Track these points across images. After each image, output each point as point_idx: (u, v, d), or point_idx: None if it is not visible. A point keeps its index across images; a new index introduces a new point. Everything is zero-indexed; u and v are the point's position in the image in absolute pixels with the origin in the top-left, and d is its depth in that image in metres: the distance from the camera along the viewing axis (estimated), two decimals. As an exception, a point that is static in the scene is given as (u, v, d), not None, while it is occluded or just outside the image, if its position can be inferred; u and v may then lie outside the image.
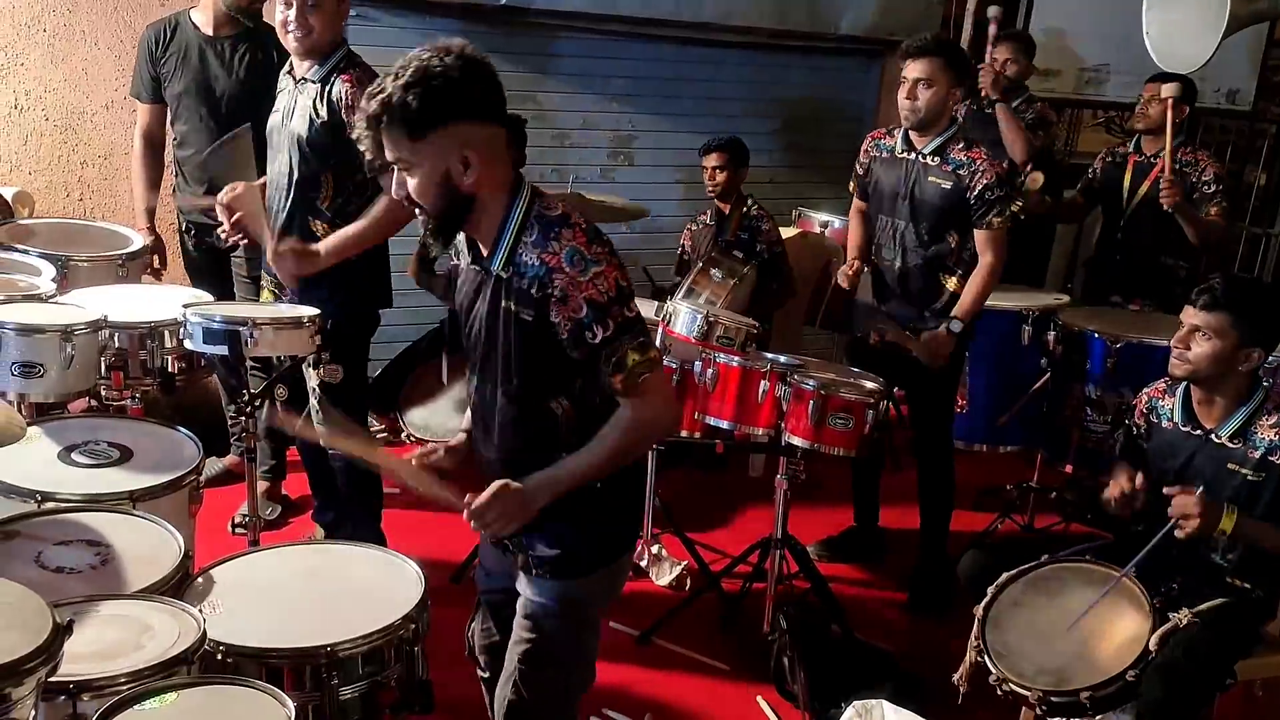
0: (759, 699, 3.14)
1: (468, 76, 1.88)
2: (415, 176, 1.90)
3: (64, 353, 2.80)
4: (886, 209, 3.59)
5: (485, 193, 1.91)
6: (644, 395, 1.93)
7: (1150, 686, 2.45)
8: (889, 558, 4.01)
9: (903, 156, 3.54)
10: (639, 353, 1.91)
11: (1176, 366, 2.71)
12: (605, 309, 1.88)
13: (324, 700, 2.04)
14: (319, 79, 3.11)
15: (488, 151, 1.89)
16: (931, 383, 3.64)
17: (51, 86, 4.26)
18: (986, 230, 3.44)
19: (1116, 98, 6.00)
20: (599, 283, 1.88)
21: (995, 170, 3.42)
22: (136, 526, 2.35)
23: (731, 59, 5.38)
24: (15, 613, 1.60)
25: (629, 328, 1.90)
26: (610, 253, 1.92)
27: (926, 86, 3.38)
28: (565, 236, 1.89)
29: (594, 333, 1.88)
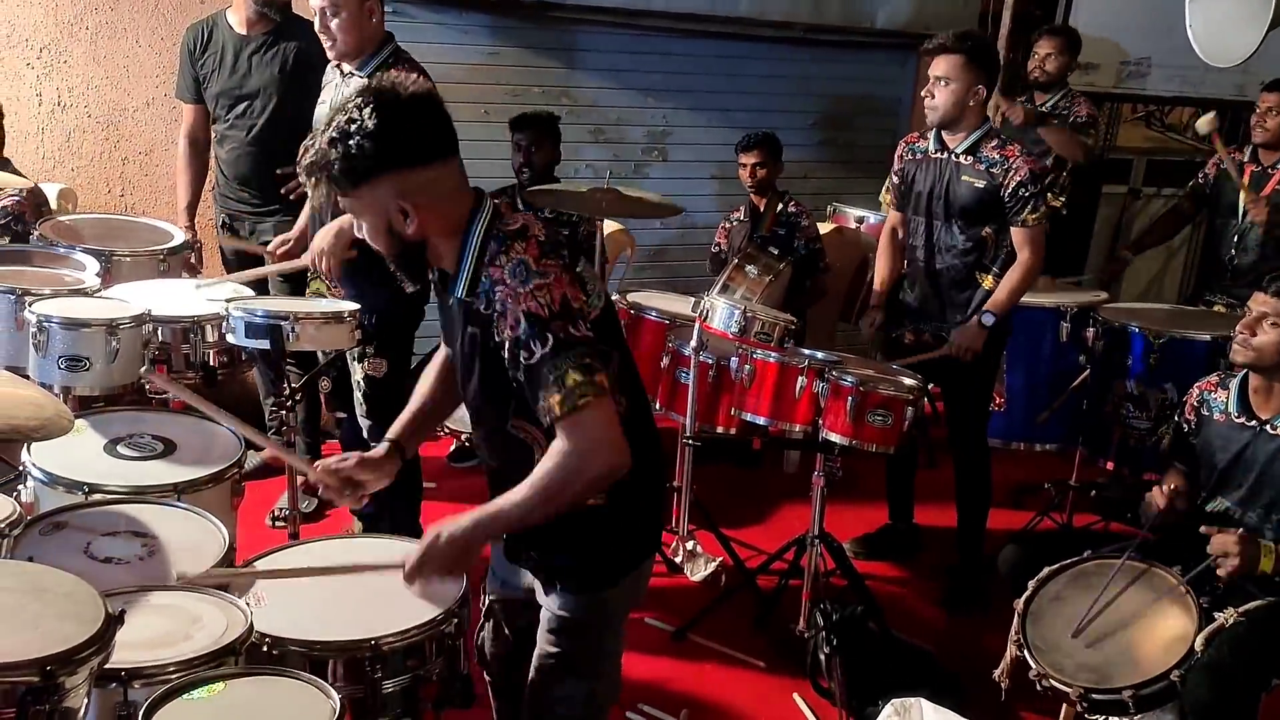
0: (795, 696, 3.13)
1: (389, 129, 1.76)
2: (363, 223, 1.87)
3: (109, 346, 2.84)
4: (921, 209, 3.57)
5: (433, 233, 1.84)
6: (581, 423, 1.75)
7: (1196, 686, 2.43)
8: (925, 555, 3.99)
9: (936, 156, 3.52)
10: (583, 374, 1.74)
11: (1239, 353, 2.67)
12: (545, 323, 1.75)
13: (367, 693, 2.04)
14: (366, 75, 3.13)
15: (427, 196, 1.81)
16: (968, 380, 3.62)
17: (94, 84, 4.32)
18: (1022, 227, 3.41)
19: (1158, 91, 5.92)
20: (540, 295, 1.75)
21: (1030, 166, 3.40)
22: (181, 518, 2.37)
23: (766, 54, 5.36)
24: (69, 602, 1.62)
25: (572, 345, 1.75)
26: (564, 268, 1.80)
27: (945, 85, 3.36)
28: (516, 249, 1.80)
29: (531, 351, 1.75)
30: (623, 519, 2.01)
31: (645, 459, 1.94)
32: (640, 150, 5.26)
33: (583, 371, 1.74)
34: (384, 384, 3.32)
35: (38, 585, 1.68)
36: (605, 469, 1.81)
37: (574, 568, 2.02)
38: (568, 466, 1.79)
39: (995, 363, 3.70)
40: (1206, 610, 2.54)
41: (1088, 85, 5.63)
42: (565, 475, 1.80)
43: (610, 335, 1.90)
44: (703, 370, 3.50)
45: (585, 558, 2.01)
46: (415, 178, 1.80)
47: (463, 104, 4.75)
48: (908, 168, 3.63)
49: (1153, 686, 2.45)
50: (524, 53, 4.87)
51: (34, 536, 2.20)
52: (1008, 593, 2.81)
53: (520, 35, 4.86)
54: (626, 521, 2.03)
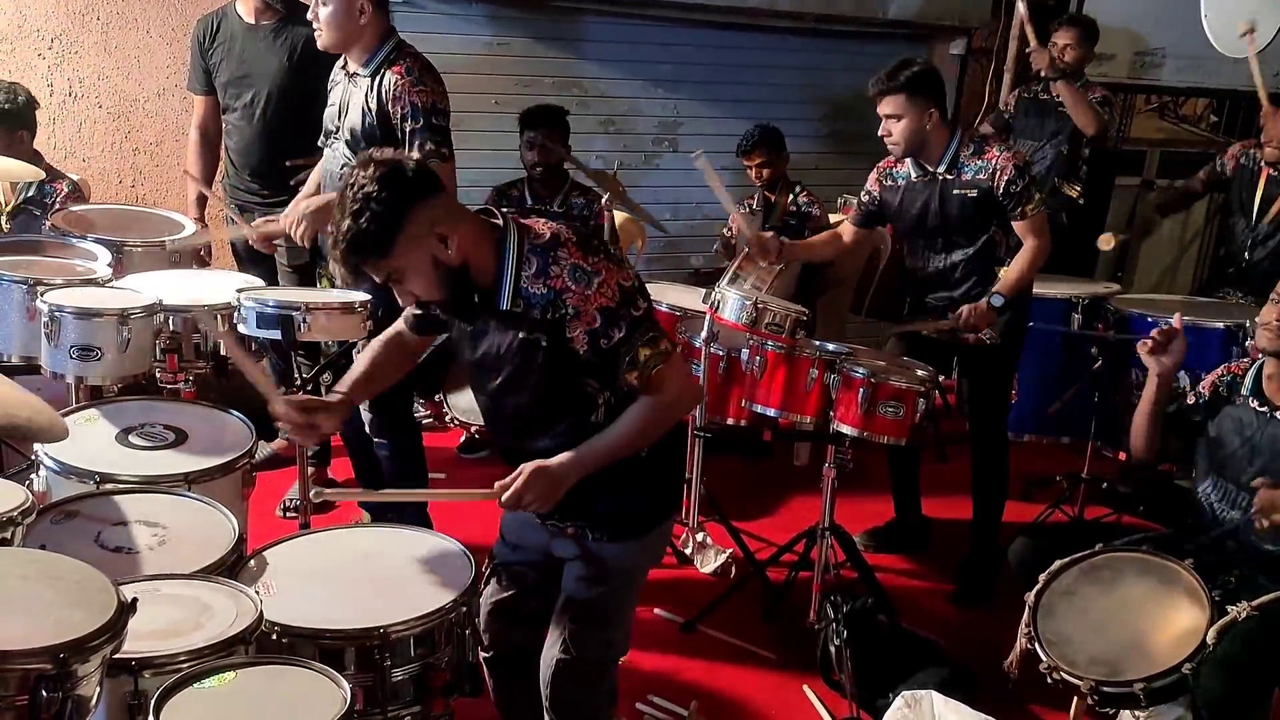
0: (805, 688, 3.13)
1: (392, 177, 1.92)
2: (412, 282, 1.99)
3: (120, 336, 2.85)
4: (917, 233, 3.56)
5: (471, 251, 1.99)
6: (660, 387, 2.05)
7: (1209, 680, 2.41)
8: (935, 548, 3.98)
9: (919, 181, 3.49)
10: (649, 347, 2.03)
11: (1271, 341, 2.66)
12: (616, 313, 1.99)
13: (376, 681, 2.06)
14: (369, 73, 3.12)
15: (452, 217, 1.99)
16: (988, 371, 3.60)
17: (105, 74, 4.32)
18: (1023, 220, 3.41)
19: (1172, 82, 5.88)
20: (604, 290, 1.98)
21: (1013, 161, 3.38)
22: (192, 508, 2.38)
23: (778, 44, 5.34)
24: (82, 591, 1.63)
25: (638, 325, 2.02)
26: (605, 257, 2.02)
27: (896, 121, 3.38)
28: (562, 258, 1.99)
29: (609, 337, 2.00)
30: (657, 469, 2.22)
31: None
32: (650, 141, 5.24)
33: (649, 345, 2.03)
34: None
35: (51, 573, 1.68)
36: (688, 408, 2.29)
37: (613, 515, 2.18)
38: (656, 412, 2.09)
39: (1016, 352, 3.67)
40: (1219, 603, 2.53)
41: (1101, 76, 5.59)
42: (655, 419, 2.09)
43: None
44: (713, 362, 3.50)
45: (624, 505, 2.18)
46: (436, 205, 1.97)
47: (472, 94, 4.75)
48: (886, 195, 3.60)
49: (1164, 679, 2.43)
50: (533, 43, 4.86)
51: (46, 525, 2.21)
52: (1018, 586, 2.81)
53: (529, 26, 4.85)
54: (660, 472, 2.25)
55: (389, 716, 2.08)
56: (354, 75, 3.16)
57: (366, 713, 2.04)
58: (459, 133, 4.58)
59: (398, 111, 3.04)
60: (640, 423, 2.08)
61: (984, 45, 5.59)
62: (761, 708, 3.05)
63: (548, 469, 2.05)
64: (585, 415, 2.10)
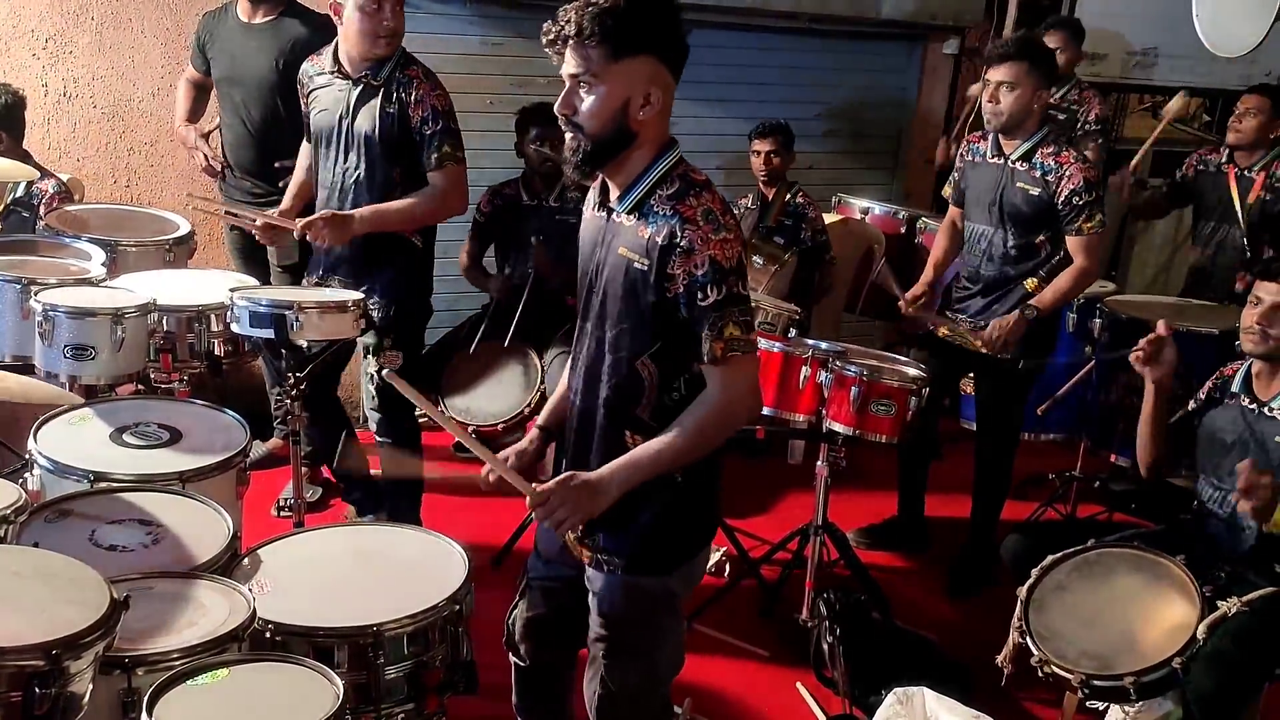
0: (798, 685, 3.14)
1: (673, 16, 1.90)
2: (593, 97, 1.87)
3: (114, 335, 2.85)
4: (974, 215, 3.56)
5: (646, 135, 1.91)
6: (732, 372, 1.90)
7: (1198, 675, 2.43)
8: (931, 546, 3.99)
9: (993, 162, 3.50)
10: (740, 330, 1.89)
11: (1256, 344, 2.68)
12: (725, 273, 1.86)
13: (370, 679, 2.06)
14: (383, 77, 3.14)
15: (665, 98, 1.91)
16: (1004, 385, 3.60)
17: (99, 74, 4.32)
18: (1077, 236, 3.38)
19: (1165, 82, 5.90)
20: (726, 248, 1.87)
21: (1084, 174, 3.35)
22: (186, 507, 2.38)
23: (772, 44, 5.34)
24: (74, 588, 1.64)
25: (738, 301, 1.89)
26: (739, 229, 1.95)
27: (1010, 90, 3.34)
28: (705, 198, 1.90)
29: (706, 294, 1.86)
30: (692, 498, 2.04)
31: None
32: (646, 141, 5.24)
33: (741, 328, 1.89)
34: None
35: (44, 571, 1.69)
36: (750, 415, 2.00)
37: (628, 553, 2.03)
38: (719, 411, 1.92)
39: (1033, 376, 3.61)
40: (1209, 599, 2.54)
41: (1094, 75, 5.61)
42: (718, 419, 1.93)
43: None
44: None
45: (642, 543, 2.03)
46: (667, 76, 1.90)
47: (465, 94, 4.73)
48: (966, 169, 3.62)
49: (1154, 674, 2.45)
50: (529, 43, 4.85)
51: (39, 523, 2.21)
52: (1011, 581, 2.82)
53: (525, 25, 4.84)
54: (695, 502, 2.06)
55: (382, 714, 2.09)
56: (360, 79, 3.17)
57: (359, 710, 2.05)
58: (453, 131, 4.63)
59: (419, 114, 3.14)
60: (698, 423, 1.92)
61: (977, 44, 5.59)
62: (755, 705, 3.07)
63: (588, 480, 1.93)
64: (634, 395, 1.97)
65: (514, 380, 4.13)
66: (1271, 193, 4.20)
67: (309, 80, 3.32)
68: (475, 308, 4.50)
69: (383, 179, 3.20)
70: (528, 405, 4.05)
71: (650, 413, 1.98)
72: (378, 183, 3.21)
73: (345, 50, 3.18)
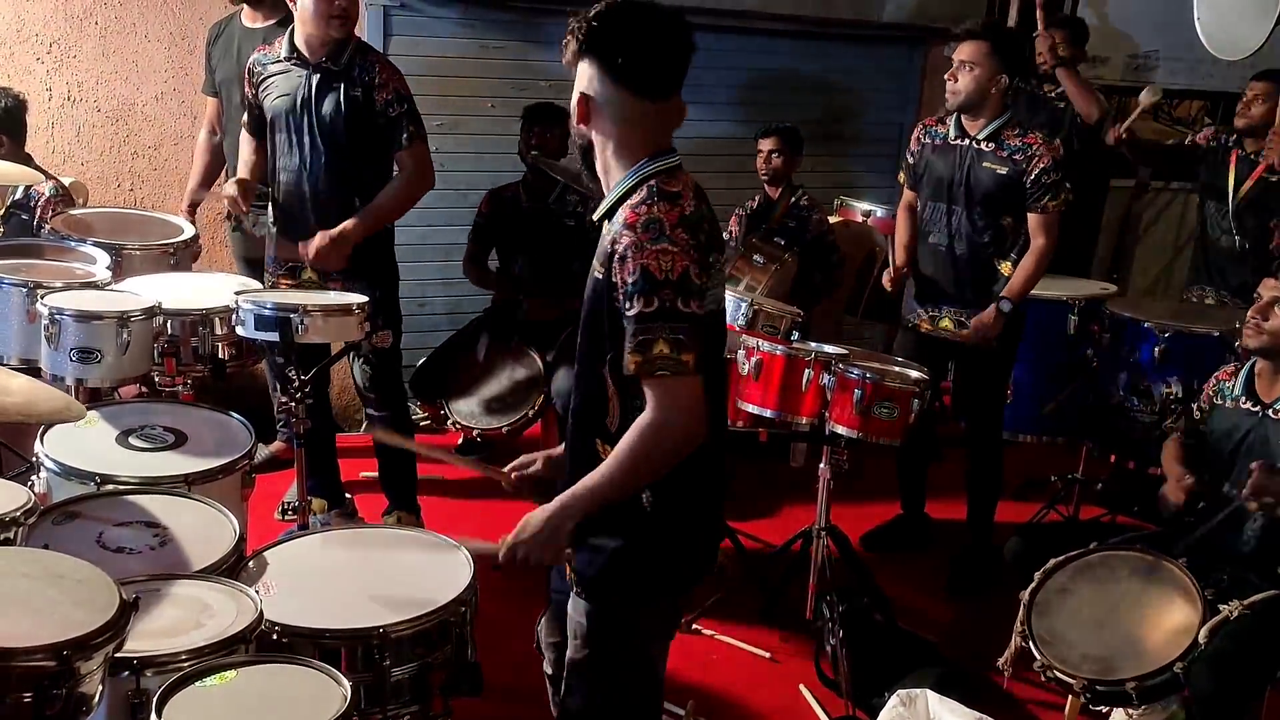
0: (801, 687, 3.15)
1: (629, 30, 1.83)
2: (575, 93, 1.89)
3: (120, 339, 2.86)
4: (939, 195, 3.57)
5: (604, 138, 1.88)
6: (661, 394, 1.79)
7: (1200, 678, 2.44)
8: (932, 548, 4.00)
9: (956, 143, 3.52)
10: (671, 348, 1.76)
11: (1252, 337, 2.68)
12: (657, 285, 1.75)
13: (376, 680, 2.07)
14: (343, 64, 3.24)
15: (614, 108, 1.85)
16: (985, 371, 3.63)
17: (103, 79, 4.33)
18: (1041, 214, 3.44)
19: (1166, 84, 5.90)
20: (664, 259, 1.76)
21: (1052, 154, 3.42)
22: (192, 509, 2.39)
23: (774, 47, 5.35)
24: (85, 590, 1.64)
25: (672, 317, 1.76)
26: (695, 246, 1.80)
27: (969, 70, 3.38)
28: (659, 208, 1.80)
29: (634, 303, 1.77)
30: (664, 528, 1.93)
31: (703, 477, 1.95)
32: (647, 144, 5.24)
33: (672, 347, 1.76)
34: (389, 355, 3.52)
35: (54, 572, 1.69)
36: (683, 438, 1.81)
37: (588, 576, 1.96)
38: (646, 434, 1.80)
39: (1013, 352, 3.70)
40: (1211, 602, 2.55)
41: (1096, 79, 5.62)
42: (645, 443, 1.81)
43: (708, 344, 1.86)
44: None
45: (600, 567, 1.94)
46: (608, 88, 1.84)
47: (465, 98, 4.76)
48: (925, 151, 3.63)
49: (1156, 678, 2.46)
50: (528, 46, 4.87)
51: (47, 526, 2.22)
52: (1013, 584, 2.83)
53: (524, 29, 4.85)
54: (667, 535, 1.94)
55: (388, 715, 2.09)
56: (319, 67, 3.25)
57: (366, 711, 2.05)
58: (453, 135, 4.64)
59: (384, 98, 3.26)
60: (629, 447, 1.81)
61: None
62: (758, 707, 3.07)
63: (540, 524, 1.87)
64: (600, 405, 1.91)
65: (519, 383, 4.14)
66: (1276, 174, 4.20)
67: (261, 69, 3.38)
68: (478, 310, 4.51)
69: (347, 163, 3.31)
70: (532, 408, 4.06)
71: (617, 424, 1.89)
72: (342, 167, 3.31)
73: (302, 36, 3.26)
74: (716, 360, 1.97)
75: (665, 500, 1.90)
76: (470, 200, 4.54)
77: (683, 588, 2.06)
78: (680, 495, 1.92)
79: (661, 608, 2.03)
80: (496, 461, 2.22)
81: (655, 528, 1.92)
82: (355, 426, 4.74)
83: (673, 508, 1.92)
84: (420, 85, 3.47)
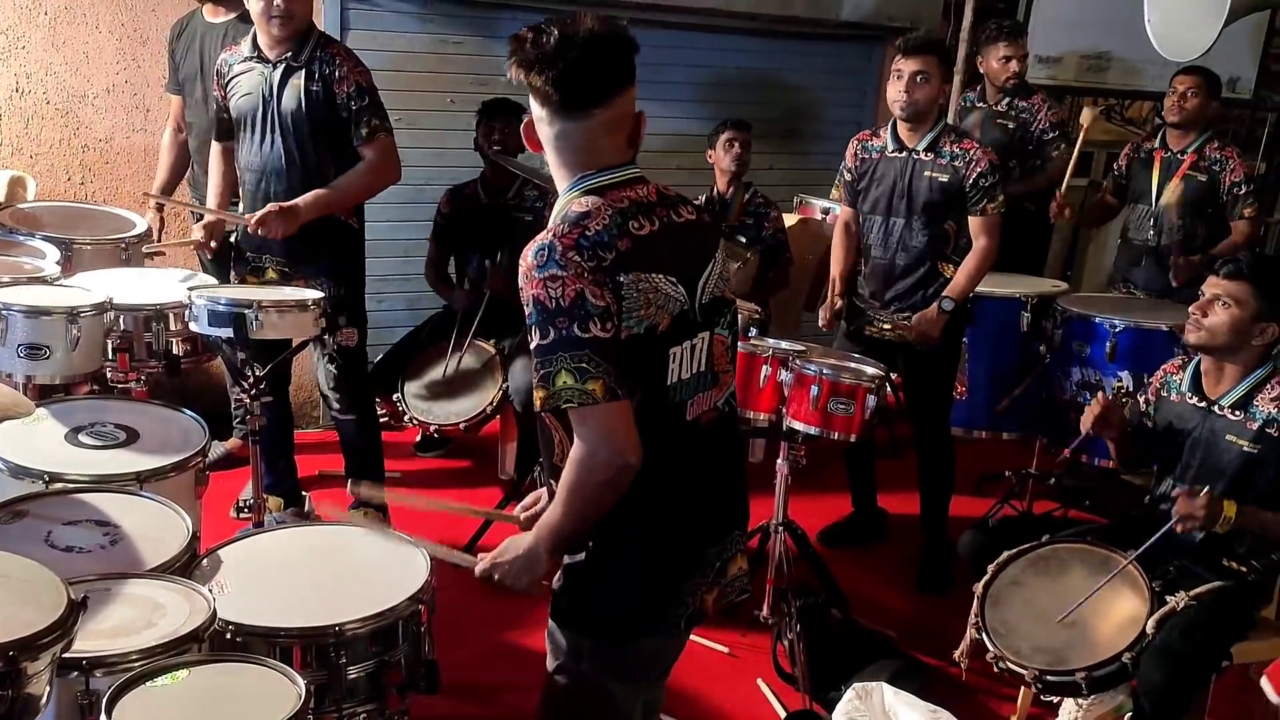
0: (759, 682, 3.17)
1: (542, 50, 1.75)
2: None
3: (70, 335, 2.81)
4: (881, 208, 3.62)
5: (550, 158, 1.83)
6: (579, 425, 1.69)
7: (1148, 669, 2.48)
8: (887, 544, 4.04)
9: (895, 155, 3.57)
10: (575, 378, 1.65)
11: (1192, 333, 2.73)
12: (550, 315, 1.66)
13: (331, 679, 2.06)
14: (304, 58, 3.23)
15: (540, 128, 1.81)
16: (930, 368, 3.67)
17: (53, 70, 4.26)
18: (981, 216, 3.51)
19: (1118, 85, 6.01)
20: (552, 286, 1.66)
21: (988, 159, 3.50)
22: (144, 507, 2.36)
23: (733, 45, 5.37)
24: (31, 589, 1.62)
25: (571, 345, 1.65)
26: (595, 269, 1.67)
27: (924, 81, 3.44)
28: (556, 230, 1.71)
29: (532, 336, 1.69)
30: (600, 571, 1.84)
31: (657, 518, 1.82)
32: (606, 140, 5.24)
33: (575, 376, 1.66)
34: (354, 355, 3.51)
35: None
36: (608, 467, 1.70)
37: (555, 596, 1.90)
38: (573, 466, 1.72)
39: (957, 350, 3.77)
40: (1158, 594, 2.60)
41: (1050, 79, 5.70)
42: (574, 475, 1.73)
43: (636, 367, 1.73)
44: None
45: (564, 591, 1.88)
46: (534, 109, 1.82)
47: (425, 93, 4.73)
48: (863, 166, 3.67)
49: (1106, 668, 2.51)
50: (489, 41, 4.85)
51: (-6, 525, 2.19)
52: (968, 578, 2.87)
53: (483, 24, 4.83)
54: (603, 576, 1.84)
55: (344, 714, 2.08)
56: (280, 63, 3.25)
57: (321, 710, 2.04)
58: (411, 130, 4.61)
59: (344, 90, 3.24)
60: (565, 481, 1.74)
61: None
62: (716, 702, 3.09)
63: (518, 553, 1.82)
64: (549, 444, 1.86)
65: (475, 379, 4.13)
66: (1204, 174, 4.27)
67: (227, 69, 3.38)
68: (436, 307, 4.49)
69: (312, 159, 3.30)
70: (489, 404, 4.05)
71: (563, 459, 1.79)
72: (307, 163, 3.30)
73: (260, 35, 3.28)
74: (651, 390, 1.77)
75: (603, 541, 1.82)
76: (428, 195, 4.52)
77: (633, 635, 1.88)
78: (620, 537, 1.81)
79: (621, 650, 1.89)
80: (457, 457, 2.22)
81: (597, 567, 1.83)
82: (314, 424, 4.70)
83: (611, 550, 1.82)
84: (378, 80, 3.42)
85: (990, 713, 3.07)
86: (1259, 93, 6.45)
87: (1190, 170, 4.29)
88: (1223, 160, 4.26)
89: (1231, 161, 4.26)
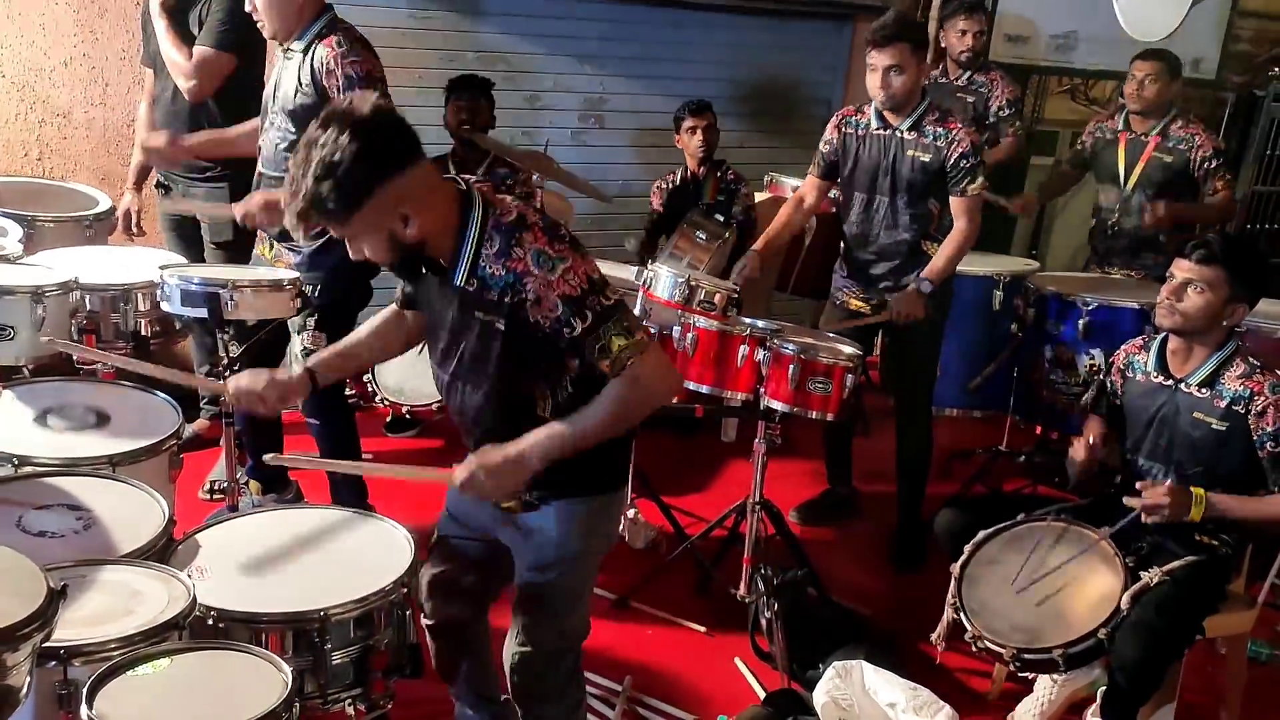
0: (737, 660, 3.18)
1: (370, 144, 1.81)
2: (363, 244, 1.92)
3: (34, 314, 2.76)
4: (864, 186, 3.61)
5: (433, 229, 1.92)
6: (634, 377, 1.96)
7: (1123, 644, 2.52)
8: (864, 521, 4.06)
9: (879, 133, 3.56)
10: (624, 337, 1.94)
11: (1165, 317, 2.74)
12: (580, 301, 1.91)
13: (316, 664, 2.04)
14: (302, 49, 3.12)
15: (420, 195, 1.89)
16: (912, 347, 3.68)
17: (8, 42, 4.14)
18: (962, 197, 3.50)
19: (1084, 65, 6.04)
20: (569, 278, 1.91)
21: (971, 139, 3.49)
22: (117, 491, 2.32)
23: (704, 22, 5.34)
24: (9, 578, 1.58)
25: (609, 315, 1.94)
26: (572, 246, 1.95)
27: (898, 73, 3.43)
28: (527, 241, 1.91)
29: (573, 326, 1.92)
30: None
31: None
32: (577, 117, 5.20)
33: (624, 335, 1.94)
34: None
35: (-26, 561, 1.63)
36: (670, 393, 2.07)
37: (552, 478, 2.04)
38: (626, 406, 1.98)
39: (941, 330, 3.75)
40: (1132, 569, 2.64)
41: (1016, 58, 5.72)
42: (623, 411, 1.98)
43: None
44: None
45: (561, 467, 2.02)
46: (405, 182, 1.86)
47: (394, 69, 4.63)
48: (847, 142, 3.66)
49: (1081, 645, 2.54)
50: (457, 17, 4.79)
51: (-38, 511, 2.14)
52: (943, 556, 2.89)
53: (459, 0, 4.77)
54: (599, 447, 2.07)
55: (329, 699, 2.07)
56: (288, 52, 3.15)
57: (306, 696, 2.02)
58: (382, 107, 4.53)
59: (333, 84, 3.07)
60: (616, 408, 1.98)
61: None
62: (694, 681, 3.09)
63: (508, 455, 1.96)
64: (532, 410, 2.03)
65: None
66: (1170, 154, 4.31)
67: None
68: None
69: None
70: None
71: (550, 408, 2.03)
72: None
73: None
74: None
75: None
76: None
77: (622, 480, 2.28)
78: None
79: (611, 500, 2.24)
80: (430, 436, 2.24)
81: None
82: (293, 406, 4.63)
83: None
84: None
85: (966, 688, 3.10)
86: (1221, 74, 6.50)
87: (1156, 152, 4.32)
88: (1189, 138, 4.30)
89: (1198, 138, 4.29)
